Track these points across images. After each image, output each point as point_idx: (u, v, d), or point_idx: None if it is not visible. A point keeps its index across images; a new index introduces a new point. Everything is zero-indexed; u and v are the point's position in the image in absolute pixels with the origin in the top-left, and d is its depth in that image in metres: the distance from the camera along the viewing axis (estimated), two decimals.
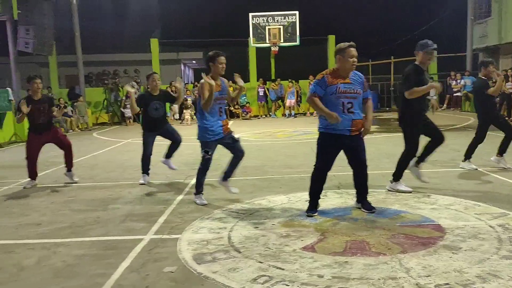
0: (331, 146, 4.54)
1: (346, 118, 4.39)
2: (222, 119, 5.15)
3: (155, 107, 6.37)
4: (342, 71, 4.45)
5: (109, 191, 6.14)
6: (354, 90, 4.41)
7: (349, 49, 4.39)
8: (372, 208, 4.63)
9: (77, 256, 3.72)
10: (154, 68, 20.85)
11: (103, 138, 13.66)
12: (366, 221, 4.38)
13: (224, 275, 3.26)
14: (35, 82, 6.31)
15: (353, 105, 4.40)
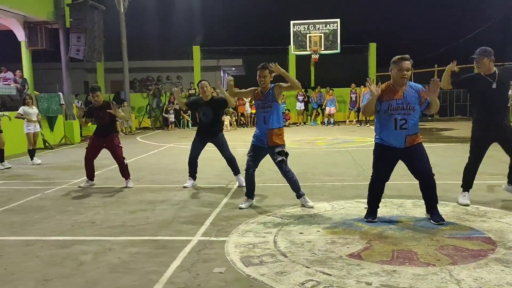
0: (385, 157, 4.53)
1: (399, 134, 4.37)
2: (268, 128, 5.20)
3: (203, 113, 6.55)
4: (395, 84, 4.43)
5: (155, 193, 6.35)
6: (407, 107, 4.36)
7: (401, 62, 4.35)
8: (440, 220, 4.51)
9: (131, 254, 3.89)
10: (195, 75, 21.34)
11: (146, 142, 14.07)
12: (413, 231, 4.33)
13: (272, 278, 3.33)
14: (96, 94, 6.81)
15: (407, 121, 4.35)
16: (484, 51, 5.12)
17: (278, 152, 5.22)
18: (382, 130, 4.50)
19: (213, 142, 6.65)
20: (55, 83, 16.90)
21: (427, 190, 4.56)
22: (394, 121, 4.37)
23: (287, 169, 5.29)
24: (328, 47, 20.02)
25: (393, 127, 4.38)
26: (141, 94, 20.86)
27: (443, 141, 12.07)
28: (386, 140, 4.46)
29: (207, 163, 8.60)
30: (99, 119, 6.84)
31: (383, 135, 4.49)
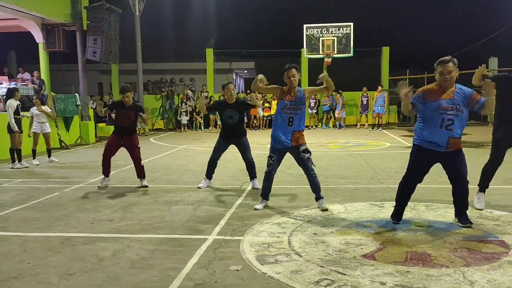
0: (423, 159, 4.51)
1: (442, 134, 4.34)
2: (293, 130, 5.25)
3: (228, 115, 6.60)
4: (441, 86, 4.39)
5: (171, 193, 6.46)
6: (456, 108, 4.31)
7: (441, 67, 4.33)
8: (468, 223, 4.53)
9: (149, 251, 3.99)
10: (208, 77, 21.51)
11: (159, 143, 14.24)
12: (426, 234, 4.37)
13: (287, 276, 3.40)
14: (126, 95, 6.91)
15: (454, 123, 4.31)
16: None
17: (304, 150, 5.29)
18: (425, 128, 4.44)
19: (237, 144, 6.71)
20: (71, 84, 17.20)
21: (460, 196, 4.57)
22: (441, 120, 4.32)
23: (312, 167, 5.36)
24: (341, 51, 20.02)
25: (439, 126, 4.33)
26: (155, 96, 21.08)
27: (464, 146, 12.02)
28: (428, 139, 4.40)
29: (221, 164, 8.66)
30: (124, 118, 6.92)
31: (425, 134, 4.42)
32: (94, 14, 13.85)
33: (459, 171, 4.47)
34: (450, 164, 4.48)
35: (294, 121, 5.25)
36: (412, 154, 4.61)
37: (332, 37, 19.86)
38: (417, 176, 4.60)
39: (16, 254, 3.98)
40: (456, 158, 4.44)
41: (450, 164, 4.48)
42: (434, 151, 4.42)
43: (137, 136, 7.22)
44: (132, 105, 6.99)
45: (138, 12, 18.35)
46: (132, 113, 6.94)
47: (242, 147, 6.70)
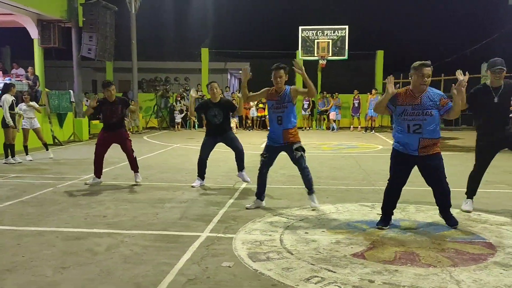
0: (401, 163, 4.59)
1: (412, 137, 4.41)
2: (283, 128, 5.31)
3: (213, 114, 6.68)
4: (414, 89, 4.47)
5: (164, 191, 6.51)
6: (423, 113, 4.37)
7: (422, 68, 4.38)
8: (455, 223, 4.64)
9: (143, 246, 4.04)
10: (203, 77, 21.54)
11: (153, 141, 14.25)
12: (415, 234, 4.46)
13: (278, 273, 3.47)
14: (108, 89, 6.90)
15: (421, 126, 4.38)
16: (504, 64, 5.17)
17: (297, 148, 5.35)
18: (398, 132, 4.56)
19: (223, 140, 6.79)
20: (65, 81, 17.15)
21: (441, 196, 4.66)
22: (407, 126, 4.43)
23: (305, 165, 5.43)
24: (336, 53, 20.16)
25: (407, 130, 4.44)
26: (149, 94, 21.08)
27: (449, 150, 12.15)
28: (402, 143, 4.50)
29: (214, 163, 8.75)
30: (110, 114, 6.89)
31: (399, 138, 4.53)
32: (90, 11, 13.84)
33: (435, 175, 4.54)
34: (426, 168, 4.56)
35: (282, 120, 5.31)
36: (392, 158, 4.69)
37: (327, 39, 20.00)
38: (399, 179, 4.66)
39: (10, 247, 4.01)
40: (431, 163, 4.50)
41: (426, 168, 4.56)
42: (410, 156, 4.49)
43: (126, 129, 7.21)
44: (116, 99, 6.97)
45: (134, 10, 18.36)
46: (118, 107, 6.91)
47: (228, 140, 6.80)
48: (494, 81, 5.20)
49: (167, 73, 22.66)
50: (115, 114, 6.91)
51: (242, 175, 6.86)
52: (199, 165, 6.90)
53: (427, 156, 4.46)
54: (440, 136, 4.55)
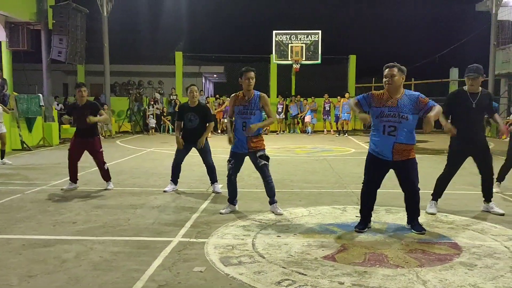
0: (376, 167, 4.66)
1: (387, 140, 4.46)
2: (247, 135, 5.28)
3: (189, 118, 6.60)
4: (387, 91, 4.53)
5: (136, 196, 6.43)
6: (399, 115, 4.41)
7: (384, 70, 4.51)
8: (423, 230, 4.66)
9: (113, 253, 3.99)
10: (177, 81, 21.41)
11: (126, 146, 14.06)
12: (385, 236, 4.56)
13: (250, 277, 3.48)
14: (80, 90, 6.70)
15: (396, 129, 4.43)
16: (481, 70, 5.29)
17: (260, 156, 5.34)
18: (374, 136, 4.61)
19: (199, 149, 6.69)
20: (34, 85, 16.73)
21: (411, 203, 4.72)
22: (383, 127, 4.48)
23: (268, 173, 5.43)
24: (309, 58, 20.39)
25: (382, 132, 4.49)
26: (122, 98, 20.78)
27: (419, 153, 12.36)
28: (377, 147, 4.56)
29: (188, 168, 8.69)
30: (80, 119, 6.66)
31: (375, 141, 4.58)
32: (60, 14, 13.60)
33: (409, 180, 4.62)
34: (401, 174, 4.65)
35: (247, 126, 5.25)
36: (367, 162, 4.76)
37: (300, 44, 20.20)
38: (373, 183, 4.73)
39: None
40: (405, 168, 4.58)
41: (401, 174, 4.65)
42: (383, 161, 4.57)
43: (99, 138, 6.99)
44: (86, 104, 6.77)
45: (106, 13, 18.11)
46: (88, 111, 6.66)
47: (202, 151, 6.69)
48: (470, 87, 5.32)
49: (140, 76, 22.40)
50: (84, 119, 6.65)
51: (215, 186, 6.78)
52: (173, 170, 6.84)
53: (401, 161, 4.52)
54: (415, 142, 4.60)
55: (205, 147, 6.71)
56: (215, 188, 6.74)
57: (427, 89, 22.34)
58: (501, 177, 6.81)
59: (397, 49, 26.47)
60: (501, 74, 20.74)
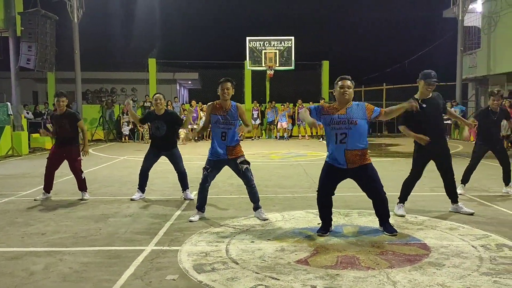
0: (331, 176, 4.73)
1: (339, 148, 4.57)
2: (226, 144, 5.29)
3: (156, 126, 6.57)
4: (339, 102, 4.66)
5: (108, 205, 6.34)
6: (349, 121, 4.54)
7: (341, 81, 4.64)
8: (394, 231, 4.74)
9: (83, 264, 3.91)
10: (151, 87, 21.23)
11: (99, 154, 13.83)
12: (356, 239, 4.62)
13: (223, 284, 3.48)
14: (59, 100, 6.58)
15: (347, 136, 4.54)
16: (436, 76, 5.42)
17: (242, 162, 5.35)
18: (328, 145, 4.72)
19: (168, 155, 6.67)
20: (3, 93, 16.31)
21: (380, 207, 4.79)
22: (335, 135, 4.58)
23: (252, 177, 5.44)
24: (283, 64, 20.57)
25: (335, 141, 4.59)
26: (94, 106, 20.47)
27: (391, 156, 12.70)
28: (332, 156, 4.65)
29: (161, 175, 8.64)
30: (58, 127, 6.60)
31: (330, 150, 4.68)
32: (29, 20, 13.32)
33: (371, 186, 4.71)
34: (361, 182, 4.73)
35: (227, 136, 5.28)
36: (323, 170, 4.81)
37: (274, 50, 20.36)
38: (326, 191, 4.79)
39: None
40: (365, 176, 4.67)
41: (361, 182, 4.73)
42: (340, 168, 4.64)
43: (79, 147, 6.84)
44: (66, 113, 6.67)
45: (77, 19, 17.84)
46: (65, 121, 6.59)
47: (173, 158, 6.66)
48: (424, 92, 5.45)
49: (113, 83, 22.15)
50: (63, 128, 6.60)
51: (187, 194, 6.75)
52: (141, 177, 6.77)
53: (357, 168, 4.62)
54: (367, 146, 4.67)
55: (176, 154, 6.68)
56: (187, 195, 6.71)
57: (397, 94, 22.85)
58: (465, 179, 7.01)
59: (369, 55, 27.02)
60: (468, 79, 21.41)
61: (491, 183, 7.67)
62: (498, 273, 3.64)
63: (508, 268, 3.73)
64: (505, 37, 18.13)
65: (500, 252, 4.17)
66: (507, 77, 18.86)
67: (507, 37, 17.86)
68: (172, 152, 6.65)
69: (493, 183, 7.64)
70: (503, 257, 4.02)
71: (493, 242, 4.48)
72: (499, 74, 18.94)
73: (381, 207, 4.79)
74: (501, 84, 19.37)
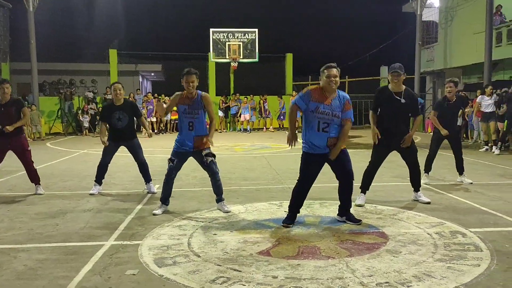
0: (313, 164, 4.75)
1: (321, 136, 4.60)
2: (195, 134, 5.24)
3: (117, 117, 6.40)
4: (325, 90, 4.66)
5: (67, 200, 6.15)
6: (332, 114, 4.59)
7: (328, 69, 4.62)
8: (359, 220, 4.83)
9: (39, 261, 3.78)
10: (112, 79, 20.64)
11: (57, 148, 13.39)
12: (318, 229, 4.69)
13: (184, 277, 3.45)
14: (2, 87, 6.26)
15: (329, 126, 4.60)
16: (403, 68, 5.54)
17: (207, 154, 5.31)
18: (308, 132, 4.68)
19: (128, 146, 6.53)
20: None
21: (347, 192, 4.86)
22: (317, 123, 4.60)
23: (217, 170, 5.40)
24: (247, 56, 20.54)
25: (317, 129, 4.61)
26: (52, 98, 19.75)
27: (353, 148, 12.92)
28: (313, 143, 4.66)
29: (123, 169, 8.47)
30: (3, 117, 6.25)
31: (309, 137, 4.67)
32: None
33: (345, 166, 4.79)
34: (337, 164, 4.80)
35: (194, 126, 5.24)
36: (303, 160, 4.83)
37: (238, 42, 20.28)
38: (310, 180, 4.85)
39: None
40: (340, 158, 4.75)
41: (337, 164, 4.80)
42: (320, 154, 4.71)
43: (25, 136, 6.60)
44: (10, 101, 6.37)
45: (32, 8, 17.10)
46: (12, 109, 6.30)
47: (133, 149, 6.55)
48: (393, 85, 5.58)
49: (72, 75, 21.41)
50: (8, 117, 6.26)
51: (150, 186, 6.64)
52: (100, 170, 6.60)
53: None
54: None
55: (136, 143, 6.57)
56: (151, 189, 6.61)
57: (359, 86, 23.32)
58: (427, 168, 7.26)
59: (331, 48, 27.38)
60: (426, 72, 22.06)
61: (446, 173, 7.96)
62: (452, 259, 3.79)
63: (461, 254, 3.89)
64: (461, 31, 18.77)
65: (454, 238, 4.34)
66: (463, 70, 19.57)
67: (463, 32, 18.50)
68: (132, 142, 6.53)
69: (448, 172, 7.93)
70: (456, 244, 4.18)
71: (447, 229, 4.65)
72: (455, 67, 19.62)
73: (348, 194, 4.86)
74: (457, 77, 20.07)
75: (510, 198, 6.06)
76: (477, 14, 16.40)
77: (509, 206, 5.61)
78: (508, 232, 4.55)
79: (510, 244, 4.15)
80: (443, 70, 20.72)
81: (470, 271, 3.52)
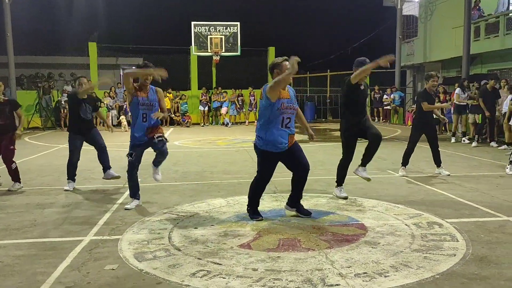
0: (271, 161, 4.72)
1: (284, 133, 4.57)
2: (148, 125, 5.29)
3: (84, 110, 6.45)
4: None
5: (44, 196, 6.06)
6: (293, 106, 4.62)
7: (285, 63, 4.59)
8: (309, 213, 4.90)
9: (15, 257, 3.72)
10: (92, 73, 20.35)
11: (35, 142, 13.14)
12: (298, 221, 4.73)
13: (164, 271, 3.44)
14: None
15: (291, 120, 4.61)
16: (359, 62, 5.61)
17: (158, 137, 5.35)
18: (269, 131, 4.56)
19: (89, 138, 6.58)
20: None
21: (302, 183, 4.86)
22: (281, 120, 4.55)
23: (165, 146, 5.44)
24: (229, 49, 20.44)
25: (280, 125, 4.55)
26: (30, 92, 19.35)
27: (334, 141, 13.01)
28: (274, 142, 4.56)
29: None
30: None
31: (271, 135, 4.55)
32: None
33: (301, 158, 4.77)
34: (293, 157, 4.74)
35: (147, 118, 5.30)
36: (265, 160, 4.73)
37: (219, 35, 20.16)
38: (269, 177, 4.85)
39: None
40: (296, 150, 4.74)
41: (293, 157, 4.74)
42: (278, 153, 4.64)
43: (14, 135, 6.56)
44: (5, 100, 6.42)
45: (8, 0, 16.68)
46: (6, 109, 6.38)
47: (94, 137, 6.60)
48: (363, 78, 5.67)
49: (50, 68, 21.01)
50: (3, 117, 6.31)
51: (110, 173, 6.66)
52: (72, 167, 6.54)
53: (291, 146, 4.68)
54: None
55: (96, 131, 6.66)
56: (110, 175, 6.64)
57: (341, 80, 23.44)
58: (405, 162, 7.37)
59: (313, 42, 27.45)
60: (407, 66, 22.34)
61: (425, 165, 8.10)
62: (428, 249, 3.87)
63: (437, 245, 3.97)
64: (440, 25, 19.03)
65: (431, 229, 4.43)
66: (442, 64, 19.86)
67: (442, 26, 18.76)
68: (93, 131, 6.61)
69: (426, 165, 8.06)
70: (433, 234, 4.27)
71: (425, 220, 4.74)
72: (434, 61, 19.90)
73: (302, 186, 4.87)
74: (436, 71, 20.37)
75: (486, 189, 6.20)
76: (456, 8, 16.63)
77: (485, 197, 5.75)
78: (483, 222, 4.66)
79: (485, 234, 4.25)
80: (423, 64, 21.01)
81: (446, 261, 3.60)
